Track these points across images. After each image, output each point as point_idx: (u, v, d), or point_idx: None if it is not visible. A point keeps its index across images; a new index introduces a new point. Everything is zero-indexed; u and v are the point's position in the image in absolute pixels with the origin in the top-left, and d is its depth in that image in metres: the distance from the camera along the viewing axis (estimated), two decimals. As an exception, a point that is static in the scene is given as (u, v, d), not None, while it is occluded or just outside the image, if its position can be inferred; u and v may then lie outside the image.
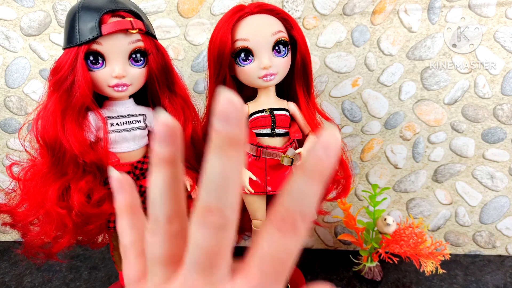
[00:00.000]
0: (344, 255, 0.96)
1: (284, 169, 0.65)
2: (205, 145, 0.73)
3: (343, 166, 0.73)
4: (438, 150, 0.90)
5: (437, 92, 0.86)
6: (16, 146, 0.98)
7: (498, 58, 0.82)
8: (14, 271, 0.92)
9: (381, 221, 0.82)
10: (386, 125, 0.89)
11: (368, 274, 0.87)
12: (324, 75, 0.87)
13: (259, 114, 0.64)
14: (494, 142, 0.88)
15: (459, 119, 0.87)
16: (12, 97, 0.93)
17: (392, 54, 0.84)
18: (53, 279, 0.89)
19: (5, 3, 0.86)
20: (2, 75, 0.92)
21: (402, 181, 0.94)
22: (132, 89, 0.59)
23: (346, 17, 0.83)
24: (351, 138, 0.91)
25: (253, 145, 0.64)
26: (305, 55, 0.64)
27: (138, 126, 0.62)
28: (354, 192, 0.96)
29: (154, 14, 0.85)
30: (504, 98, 0.85)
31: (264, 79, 0.62)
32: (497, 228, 0.95)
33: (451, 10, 0.80)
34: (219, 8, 0.84)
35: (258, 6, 0.61)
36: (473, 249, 0.97)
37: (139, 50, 0.57)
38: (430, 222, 0.96)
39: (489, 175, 0.91)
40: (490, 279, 0.87)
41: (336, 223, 0.99)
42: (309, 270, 0.91)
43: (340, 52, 0.85)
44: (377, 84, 0.86)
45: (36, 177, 0.57)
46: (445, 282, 0.86)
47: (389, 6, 0.81)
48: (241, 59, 0.61)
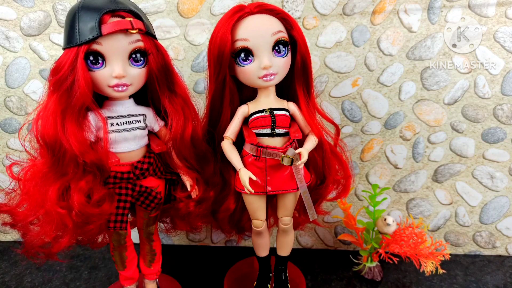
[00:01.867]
0: (344, 255, 0.96)
1: (284, 169, 0.65)
2: (205, 145, 0.73)
3: (343, 166, 0.72)
4: (438, 150, 0.90)
5: (437, 92, 0.86)
6: (16, 146, 0.98)
7: (498, 58, 0.82)
8: (14, 271, 0.92)
9: (381, 221, 0.82)
10: (386, 125, 0.89)
11: (368, 274, 0.87)
12: (324, 75, 0.87)
13: (259, 114, 0.64)
14: (494, 142, 0.88)
15: (459, 119, 0.87)
16: (12, 97, 0.93)
17: (392, 54, 0.84)
18: (53, 279, 0.89)
19: (5, 3, 0.86)
20: (2, 75, 0.92)
21: (402, 181, 0.94)
22: (132, 89, 0.59)
23: (346, 17, 0.83)
24: (351, 138, 0.91)
25: (253, 145, 0.64)
26: (305, 55, 0.64)
27: (138, 126, 0.62)
28: (354, 192, 0.96)
29: (154, 14, 0.85)
30: (504, 98, 0.85)
31: (264, 79, 0.61)
32: (497, 228, 0.95)
33: (451, 10, 0.80)
34: (219, 8, 0.84)
35: (258, 6, 0.61)
36: (473, 249, 0.97)
37: (139, 50, 0.57)
38: (430, 222, 0.96)
39: (489, 175, 0.91)
40: (490, 279, 0.87)
41: (336, 223, 0.99)
42: (309, 270, 0.91)
43: (340, 52, 0.85)
44: (377, 84, 0.86)
45: (36, 177, 0.57)
46: (445, 282, 0.86)
47: (389, 6, 0.81)
48: (241, 59, 0.61)
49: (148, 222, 0.71)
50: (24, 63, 0.91)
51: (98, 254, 0.98)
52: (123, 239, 0.68)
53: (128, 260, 0.71)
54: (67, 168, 0.56)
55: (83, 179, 0.57)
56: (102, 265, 0.94)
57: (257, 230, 0.71)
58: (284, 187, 0.66)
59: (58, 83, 0.54)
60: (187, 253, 1.01)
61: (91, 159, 0.56)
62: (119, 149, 0.61)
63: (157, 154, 0.66)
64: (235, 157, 0.65)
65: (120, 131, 0.60)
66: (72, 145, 0.54)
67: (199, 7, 0.85)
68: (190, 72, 0.89)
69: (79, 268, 0.93)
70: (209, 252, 1.01)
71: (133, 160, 0.62)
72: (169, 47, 0.87)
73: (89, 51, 0.54)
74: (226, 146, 0.66)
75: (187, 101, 0.64)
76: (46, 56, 0.90)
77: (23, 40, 0.89)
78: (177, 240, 1.05)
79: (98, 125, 0.58)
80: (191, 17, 0.85)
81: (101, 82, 0.56)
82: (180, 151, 0.63)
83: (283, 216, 0.71)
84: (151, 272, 0.76)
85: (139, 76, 0.58)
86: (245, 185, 0.63)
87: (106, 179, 0.61)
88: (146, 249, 0.74)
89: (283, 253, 0.76)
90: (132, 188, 0.64)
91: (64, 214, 0.56)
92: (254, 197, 0.67)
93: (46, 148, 0.55)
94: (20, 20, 0.87)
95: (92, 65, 0.55)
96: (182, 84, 0.64)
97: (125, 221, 0.65)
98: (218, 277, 0.86)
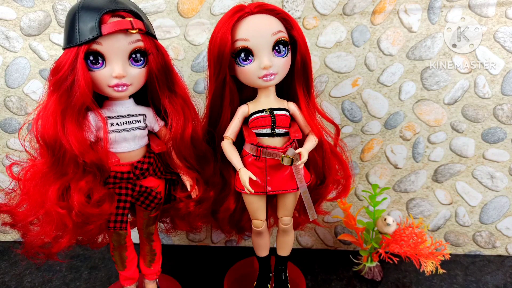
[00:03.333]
0: (344, 255, 0.96)
1: (284, 169, 0.65)
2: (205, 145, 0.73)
3: (343, 166, 0.72)
4: (438, 150, 0.90)
5: (437, 92, 0.86)
6: (16, 146, 0.98)
7: (498, 58, 0.82)
8: (14, 271, 0.92)
9: (381, 221, 0.82)
10: (386, 125, 0.89)
11: (368, 274, 0.87)
12: (324, 75, 0.87)
13: (259, 114, 0.64)
14: (494, 142, 0.88)
15: (459, 119, 0.87)
16: (12, 97, 0.93)
17: (392, 54, 0.84)
18: (53, 279, 0.89)
19: (5, 3, 0.86)
20: (2, 75, 0.92)
21: (402, 181, 0.94)
22: (132, 89, 0.59)
23: (346, 17, 0.83)
24: (351, 138, 0.91)
25: (253, 145, 0.64)
26: (305, 55, 0.64)
27: (138, 126, 0.62)
28: (354, 192, 0.96)
29: (154, 14, 0.85)
30: (504, 98, 0.85)
31: (264, 79, 0.61)
32: (497, 228, 0.95)
33: (451, 10, 0.80)
34: (219, 8, 0.84)
35: (258, 6, 0.61)
36: (473, 249, 0.97)
37: (139, 50, 0.57)
38: (430, 222, 0.96)
39: (489, 175, 0.91)
40: (490, 279, 0.87)
41: (336, 223, 0.99)
42: (309, 270, 0.91)
43: (340, 52, 0.85)
44: (377, 84, 0.86)
45: (36, 177, 0.57)
46: (445, 282, 0.86)
47: (389, 6, 0.81)
48: (241, 59, 0.61)
49: (148, 222, 0.71)
50: (24, 63, 0.91)
51: (98, 254, 0.98)
52: (123, 239, 0.68)
53: (128, 260, 0.71)
54: (67, 168, 0.56)
55: (83, 179, 0.57)
56: (102, 265, 0.94)
57: (257, 230, 0.71)
58: (284, 187, 0.66)
59: (58, 83, 0.54)
60: (187, 253, 1.01)
61: (91, 159, 0.56)
62: (119, 149, 0.61)
63: (157, 154, 0.66)
64: (235, 157, 0.65)
65: (120, 131, 0.60)
66: (72, 145, 0.54)
67: (199, 7, 0.85)
68: (190, 72, 0.89)
69: (79, 268, 0.93)
70: (209, 252, 1.01)
71: (133, 160, 0.62)
72: (169, 47, 0.87)
73: (89, 51, 0.54)
74: (226, 146, 0.66)
75: (187, 101, 0.64)
76: (46, 56, 0.90)
77: (23, 40, 0.89)
78: (177, 240, 1.05)
79: (98, 125, 0.58)
80: (191, 17, 0.85)
81: (101, 82, 0.56)
82: (180, 151, 0.63)
83: (283, 216, 0.71)
84: (151, 272, 0.76)
85: (139, 76, 0.58)
86: (245, 185, 0.63)
87: (106, 179, 0.61)
88: (146, 249, 0.74)
89: (283, 253, 0.76)
90: (132, 188, 0.64)
91: (64, 214, 0.56)
92: (254, 197, 0.67)
93: (46, 148, 0.55)
94: (20, 20, 0.87)
95: (92, 65, 0.55)
96: (182, 84, 0.64)
97: (125, 221, 0.65)
98: (218, 277, 0.86)
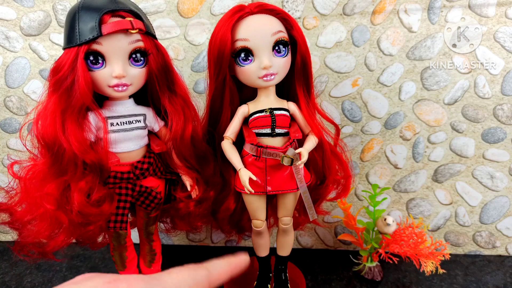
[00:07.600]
0: (344, 255, 0.96)
1: (284, 169, 0.65)
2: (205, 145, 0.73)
3: (343, 166, 0.72)
4: (438, 150, 0.90)
5: (437, 92, 0.86)
6: (16, 146, 0.98)
7: (498, 58, 0.82)
8: (14, 271, 0.92)
9: (381, 221, 0.82)
10: (386, 125, 0.89)
11: (368, 274, 0.87)
12: (324, 75, 0.87)
13: (259, 114, 0.64)
14: (494, 142, 0.88)
15: (459, 119, 0.87)
16: (12, 97, 0.93)
17: (392, 54, 0.84)
18: (53, 279, 0.89)
19: (5, 3, 0.86)
20: (2, 75, 0.92)
21: (402, 181, 0.94)
22: (132, 89, 0.59)
23: (346, 17, 0.83)
24: (351, 138, 0.91)
25: (253, 145, 0.64)
26: (305, 55, 0.64)
27: (138, 126, 0.62)
28: (354, 192, 0.96)
29: (154, 14, 0.85)
30: (504, 98, 0.85)
31: (264, 79, 0.61)
32: (497, 228, 0.95)
33: (451, 10, 0.80)
34: (219, 8, 0.84)
35: (258, 6, 0.61)
36: (473, 249, 0.97)
37: (139, 50, 0.57)
38: (430, 222, 0.96)
39: (489, 175, 0.91)
40: (490, 279, 0.87)
41: (336, 223, 0.99)
42: (309, 270, 0.91)
43: (340, 52, 0.85)
44: (377, 84, 0.86)
45: (36, 176, 0.57)
46: (445, 282, 0.86)
47: (389, 6, 0.81)
48: (241, 59, 0.61)
49: (148, 222, 0.71)
50: (24, 63, 0.91)
51: (98, 254, 0.98)
52: (123, 239, 0.68)
53: (128, 260, 0.71)
54: (66, 168, 0.56)
55: (83, 179, 0.57)
56: (102, 265, 0.94)
57: (257, 230, 0.71)
58: (284, 187, 0.66)
59: (58, 83, 0.54)
60: (187, 253, 1.01)
61: (91, 159, 0.56)
62: (119, 149, 0.61)
63: (157, 154, 0.66)
64: (235, 157, 0.65)
65: (120, 131, 0.60)
66: (72, 145, 0.54)
67: (199, 7, 0.85)
68: (190, 72, 0.89)
69: (79, 268, 0.93)
70: (209, 252, 1.01)
71: (133, 160, 0.62)
72: (169, 47, 0.87)
73: (89, 51, 0.54)
74: (226, 146, 0.66)
75: (187, 101, 0.64)
76: (46, 56, 0.90)
77: (23, 40, 0.89)
78: (177, 240, 1.05)
79: (98, 125, 0.58)
80: (191, 17, 0.85)
81: (101, 82, 0.56)
82: (180, 151, 0.63)
83: (283, 216, 0.71)
84: (151, 272, 0.76)
85: (139, 76, 0.58)
86: (245, 185, 0.63)
87: (106, 179, 0.61)
88: (146, 249, 0.74)
89: (283, 253, 0.76)
90: (132, 188, 0.64)
91: (59, 213, 0.56)
92: (254, 197, 0.67)
93: (46, 148, 0.55)
94: (20, 20, 0.87)
95: (92, 65, 0.55)
96: (182, 84, 0.64)
97: (125, 221, 0.65)
98: (218, 277, 0.86)
